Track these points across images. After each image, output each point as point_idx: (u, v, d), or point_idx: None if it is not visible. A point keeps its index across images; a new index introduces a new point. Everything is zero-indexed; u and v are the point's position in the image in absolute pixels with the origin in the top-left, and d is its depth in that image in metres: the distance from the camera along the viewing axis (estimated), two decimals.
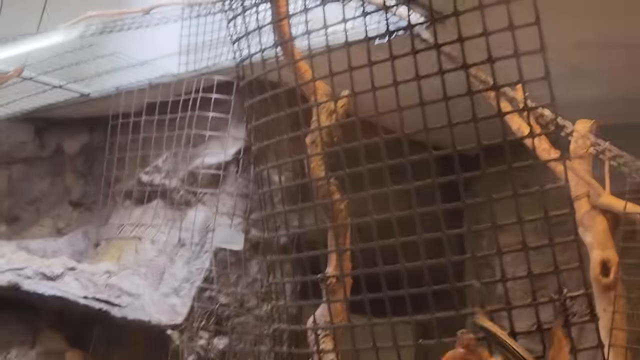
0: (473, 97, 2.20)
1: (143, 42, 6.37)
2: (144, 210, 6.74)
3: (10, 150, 7.89)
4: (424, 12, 2.37)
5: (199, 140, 6.38)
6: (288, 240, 4.46)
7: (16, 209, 7.77)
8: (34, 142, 7.89)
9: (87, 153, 7.69)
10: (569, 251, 2.44)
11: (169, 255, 6.37)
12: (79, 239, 7.13)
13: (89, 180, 7.65)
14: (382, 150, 2.26)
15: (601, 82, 6.23)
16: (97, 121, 7.22)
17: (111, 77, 6.67)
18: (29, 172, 7.86)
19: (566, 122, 4.85)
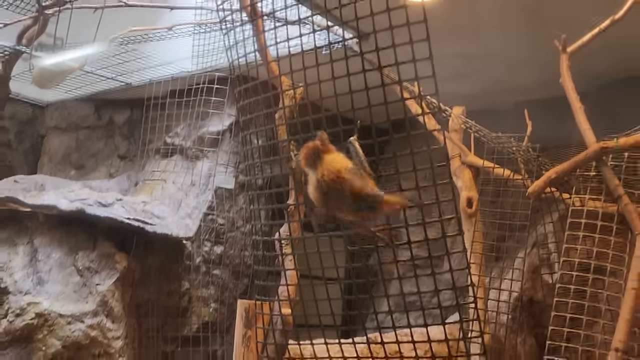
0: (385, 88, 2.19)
1: (168, 48, 6.26)
2: (168, 162, 6.67)
3: (77, 120, 7.76)
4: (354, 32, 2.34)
5: (204, 115, 6.33)
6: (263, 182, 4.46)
7: (81, 160, 7.65)
8: (94, 115, 7.75)
9: (130, 123, 7.56)
10: (446, 191, 2.46)
11: (185, 191, 6.32)
12: (124, 181, 7.04)
13: (131, 142, 7.54)
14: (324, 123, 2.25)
15: (472, 81, 6.26)
16: (137, 102, 7.08)
17: (146, 72, 6.56)
18: (91, 135, 7.73)
19: (447, 107, 4.89)
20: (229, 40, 2.70)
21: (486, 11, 4.96)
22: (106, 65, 6.22)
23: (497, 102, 6.58)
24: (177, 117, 6.30)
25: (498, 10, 4.94)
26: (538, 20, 4.98)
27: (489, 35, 5.35)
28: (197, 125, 6.50)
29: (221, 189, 6.31)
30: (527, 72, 5.94)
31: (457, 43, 5.45)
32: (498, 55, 5.71)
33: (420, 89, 2.57)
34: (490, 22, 5.13)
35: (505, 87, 6.42)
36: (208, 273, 6.15)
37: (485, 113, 5.67)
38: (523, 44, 5.42)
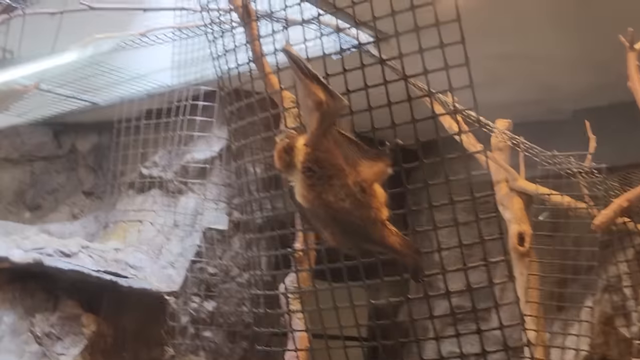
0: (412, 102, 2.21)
1: (142, 59, 6.33)
2: (145, 198, 6.71)
3: (32, 150, 7.82)
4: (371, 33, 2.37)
5: (188, 139, 6.37)
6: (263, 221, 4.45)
7: (38, 199, 7.69)
8: (53, 143, 7.82)
9: (96, 151, 7.63)
10: (491, 225, 2.46)
11: (166, 234, 6.35)
12: (91, 223, 7.08)
13: (98, 174, 7.59)
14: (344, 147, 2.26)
15: (517, 87, 6.28)
16: (105, 125, 7.15)
17: (116, 88, 6.62)
18: (49, 168, 7.79)
19: (488, 122, 4.90)
20: (217, 47, 2.73)
21: (529, 3, 4.99)
22: (66, 81, 6.28)
23: (550, 111, 6.58)
24: (154, 142, 6.34)
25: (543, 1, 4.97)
26: (594, 12, 5.00)
27: (535, 31, 5.37)
28: (180, 152, 6.54)
29: (211, 230, 6.33)
30: (584, 73, 5.95)
31: (497, 42, 5.47)
32: (547, 55, 5.72)
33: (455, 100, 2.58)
34: (535, 16, 5.16)
35: (559, 93, 6.43)
36: (197, 336, 6.14)
37: (536, 126, 5.66)
38: (577, 40, 5.44)
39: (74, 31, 5.14)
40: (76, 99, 6.77)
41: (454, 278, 2.42)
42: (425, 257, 2.41)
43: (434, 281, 2.55)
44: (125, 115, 6.38)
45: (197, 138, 6.37)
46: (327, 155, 2.12)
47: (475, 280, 2.40)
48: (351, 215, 2.14)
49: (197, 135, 6.29)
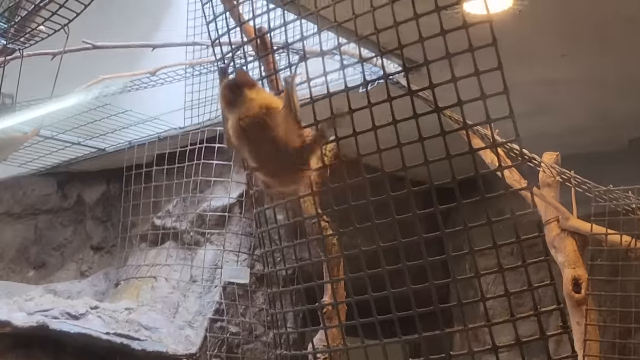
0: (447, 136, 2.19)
1: (152, 100, 6.41)
2: (158, 251, 6.72)
3: (36, 203, 7.90)
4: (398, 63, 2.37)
5: (205, 186, 6.40)
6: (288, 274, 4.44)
7: (43, 256, 7.75)
8: (57, 194, 7.89)
9: (105, 202, 7.68)
10: (543, 271, 2.42)
11: (182, 291, 6.34)
12: (100, 281, 7.10)
13: (108, 227, 7.64)
14: (367, 189, 2.25)
15: (564, 115, 6.24)
16: (113, 173, 7.22)
17: (124, 133, 6.70)
18: (54, 222, 7.85)
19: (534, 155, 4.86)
20: None
21: (578, 24, 4.99)
22: (71, 127, 6.36)
23: (604, 141, 6.53)
24: (167, 190, 6.38)
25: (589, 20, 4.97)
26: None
27: (585, 54, 5.36)
28: (196, 200, 6.57)
29: (232, 285, 6.31)
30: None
31: (543, 67, 5.47)
32: (599, 80, 5.70)
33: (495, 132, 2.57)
34: (585, 39, 5.16)
35: (613, 121, 6.39)
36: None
37: (588, 158, 5.62)
38: (632, 63, 5.42)
39: (78, 72, 5.21)
40: (82, 145, 6.85)
41: (502, 331, 2.39)
42: (470, 308, 2.38)
43: (480, 334, 2.51)
44: (135, 161, 6.44)
45: (214, 184, 6.40)
46: (272, 126, 2.29)
47: (526, 333, 2.36)
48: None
49: (214, 181, 6.31)
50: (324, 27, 2.41)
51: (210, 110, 6.09)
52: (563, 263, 5.00)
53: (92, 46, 5.25)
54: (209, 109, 6.11)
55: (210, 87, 5.95)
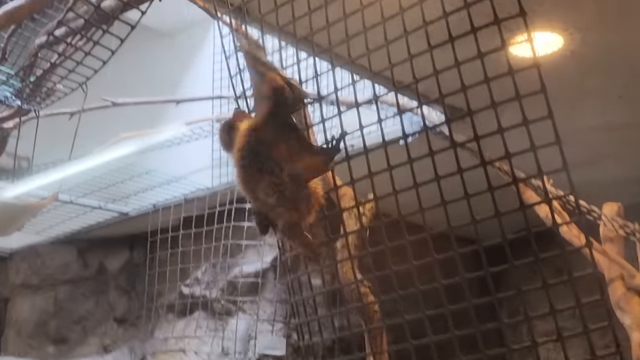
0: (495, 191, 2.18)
1: (176, 159, 6.46)
2: (187, 322, 6.72)
3: (55, 272, 7.96)
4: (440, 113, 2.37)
5: (236, 250, 6.40)
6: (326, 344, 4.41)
7: (63, 329, 7.78)
8: (78, 263, 7.95)
9: (128, 270, 7.73)
10: (607, 335, 2.38)
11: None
12: (125, 355, 7.11)
13: (132, 296, 7.67)
14: (409, 251, 2.24)
15: (624, 162, 6.20)
16: (137, 238, 7.28)
17: (148, 195, 6.75)
18: (74, 293, 7.90)
19: (593, 207, 4.81)
20: None
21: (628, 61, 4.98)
22: (91, 189, 6.43)
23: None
24: (195, 255, 6.39)
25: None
26: None
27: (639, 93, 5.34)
28: (226, 266, 6.57)
29: (267, 357, 6.28)
30: None
31: (595, 110, 5.45)
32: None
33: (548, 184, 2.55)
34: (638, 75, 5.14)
35: None
36: None
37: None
38: None
39: (97, 131, 5.28)
40: (103, 209, 6.91)
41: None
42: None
43: None
44: (160, 225, 6.47)
45: (245, 247, 6.40)
46: (266, 147, 2.30)
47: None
48: (273, 212, 2.39)
49: (245, 244, 6.31)
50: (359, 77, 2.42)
51: None
52: (630, 325, 4.92)
53: (111, 103, 5.33)
54: None
55: None
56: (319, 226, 2.45)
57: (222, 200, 6.24)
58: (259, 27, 2.74)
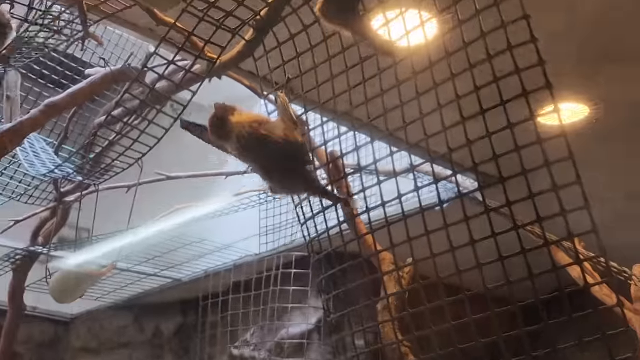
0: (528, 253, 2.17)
1: (226, 228, 6.50)
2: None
3: (113, 336, 8.00)
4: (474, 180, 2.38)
5: (282, 312, 6.39)
6: None
7: None
8: (134, 327, 7.99)
9: (182, 333, 7.74)
10: None
11: None
12: None
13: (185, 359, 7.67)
14: (447, 312, 2.22)
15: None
16: (189, 303, 7.30)
17: (200, 262, 6.80)
18: (131, 356, 7.92)
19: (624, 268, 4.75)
20: (304, 210, 2.78)
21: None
22: (147, 258, 6.48)
23: None
24: (244, 318, 6.39)
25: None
26: None
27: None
28: (274, 328, 6.56)
29: None
30: None
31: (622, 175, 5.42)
32: None
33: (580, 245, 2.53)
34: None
35: None
36: None
37: None
38: None
39: (152, 203, 5.35)
40: (158, 276, 6.96)
41: None
42: None
43: None
44: (211, 290, 6.49)
45: (291, 310, 6.39)
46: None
47: None
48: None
49: (291, 307, 6.30)
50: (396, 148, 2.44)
51: (285, 235, 6.15)
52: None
53: (165, 177, 5.39)
54: (283, 233, 6.17)
55: (284, 212, 6.02)
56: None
57: (269, 265, 6.26)
58: (302, 104, 2.77)
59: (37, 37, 3.95)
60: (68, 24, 3.67)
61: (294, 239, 6.10)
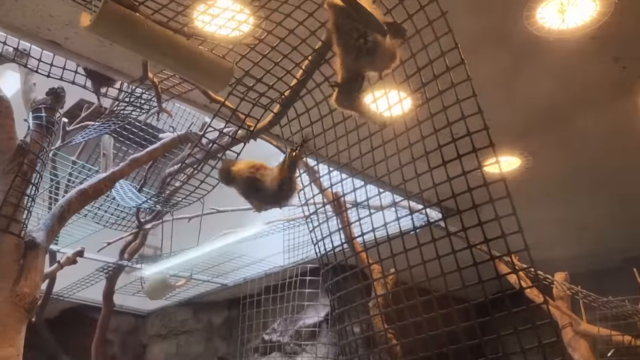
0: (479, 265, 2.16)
1: (260, 246, 6.49)
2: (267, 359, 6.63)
3: (177, 326, 7.95)
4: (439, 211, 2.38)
5: (300, 308, 6.36)
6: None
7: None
8: (193, 319, 7.94)
9: (227, 324, 7.68)
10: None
11: None
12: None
13: (229, 342, 7.60)
14: (420, 308, 2.21)
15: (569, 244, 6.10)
16: (233, 301, 7.26)
17: (240, 272, 6.77)
18: (190, 340, 7.86)
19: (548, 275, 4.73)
20: (317, 233, 2.77)
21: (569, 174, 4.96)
22: (203, 269, 6.48)
23: (602, 262, 6.31)
24: (273, 313, 6.34)
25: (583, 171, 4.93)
26: (630, 178, 4.93)
27: (577, 196, 5.29)
28: (294, 319, 6.51)
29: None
30: (628, 228, 5.74)
31: (546, 208, 5.40)
32: (592, 215, 5.59)
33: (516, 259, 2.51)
34: (577, 184, 5.10)
35: (609, 245, 6.19)
36: None
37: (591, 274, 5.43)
38: (618, 201, 5.31)
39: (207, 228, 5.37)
40: (210, 282, 6.94)
41: None
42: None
43: None
44: (249, 292, 6.45)
45: (306, 307, 6.35)
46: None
47: None
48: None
49: (306, 305, 6.26)
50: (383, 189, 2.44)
51: (302, 252, 6.13)
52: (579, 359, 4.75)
53: (216, 210, 5.40)
54: (301, 251, 6.15)
55: (302, 235, 6.01)
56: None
57: (291, 274, 6.22)
58: (314, 158, 2.78)
59: (125, 111, 3.99)
60: (147, 101, 3.71)
61: (308, 255, 6.09)
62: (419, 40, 2.20)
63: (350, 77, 2.10)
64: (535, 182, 5.02)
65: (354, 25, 1.94)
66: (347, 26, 1.95)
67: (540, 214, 5.40)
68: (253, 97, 2.56)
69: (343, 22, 1.95)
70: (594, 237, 6.01)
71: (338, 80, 2.11)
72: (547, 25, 3.38)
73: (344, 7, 1.92)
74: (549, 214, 5.51)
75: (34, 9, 3.20)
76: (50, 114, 3.19)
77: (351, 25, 1.94)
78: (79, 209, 3.42)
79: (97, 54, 3.51)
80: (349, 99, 2.17)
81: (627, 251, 6.11)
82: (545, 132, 4.43)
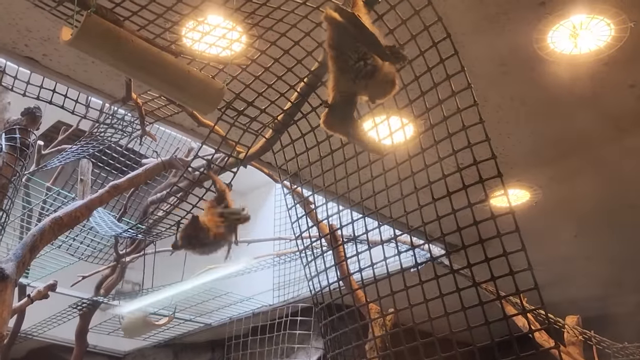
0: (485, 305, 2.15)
1: (247, 283, 6.47)
2: None
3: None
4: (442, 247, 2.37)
5: (289, 351, 6.30)
6: None
7: None
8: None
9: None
10: None
11: None
12: None
13: None
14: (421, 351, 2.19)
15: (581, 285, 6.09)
16: (217, 343, 7.19)
17: (226, 310, 6.73)
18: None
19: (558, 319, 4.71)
20: (311, 269, 2.76)
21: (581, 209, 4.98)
22: (185, 307, 6.43)
23: (617, 304, 6.29)
24: (260, 355, 6.29)
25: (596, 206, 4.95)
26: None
27: (590, 233, 5.31)
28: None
29: None
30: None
31: (556, 245, 5.40)
32: (606, 254, 5.60)
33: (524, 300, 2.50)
34: (589, 219, 5.12)
35: (623, 287, 6.17)
36: None
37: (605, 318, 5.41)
38: (633, 240, 5.32)
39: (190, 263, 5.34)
40: (193, 321, 6.89)
41: None
42: None
43: None
44: (235, 332, 6.41)
45: (297, 349, 6.30)
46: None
47: None
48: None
49: (297, 347, 6.22)
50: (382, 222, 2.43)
51: (293, 290, 6.11)
52: None
53: None
54: (292, 289, 6.13)
55: (293, 272, 6.00)
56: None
57: (280, 314, 6.19)
58: (310, 187, 2.78)
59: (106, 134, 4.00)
60: (129, 124, 3.72)
61: (300, 293, 6.06)
62: (423, 62, 2.22)
63: (343, 100, 2.09)
64: (545, 217, 5.03)
65: (354, 44, 1.95)
66: (347, 45, 1.96)
67: (552, 251, 5.39)
68: (244, 122, 2.56)
69: (342, 40, 1.96)
70: (609, 278, 6.00)
71: (329, 100, 2.10)
72: (559, 50, 3.42)
73: (343, 23, 1.93)
74: (560, 251, 5.50)
75: (10, 22, 3.22)
76: (25, 135, 3.20)
77: (351, 45, 1.95)
78: (53, 239, 3.40)
79: (77, 72, 3.53)
80: (340, 122, 2.16)
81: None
82: (556, 163, 4.46)
